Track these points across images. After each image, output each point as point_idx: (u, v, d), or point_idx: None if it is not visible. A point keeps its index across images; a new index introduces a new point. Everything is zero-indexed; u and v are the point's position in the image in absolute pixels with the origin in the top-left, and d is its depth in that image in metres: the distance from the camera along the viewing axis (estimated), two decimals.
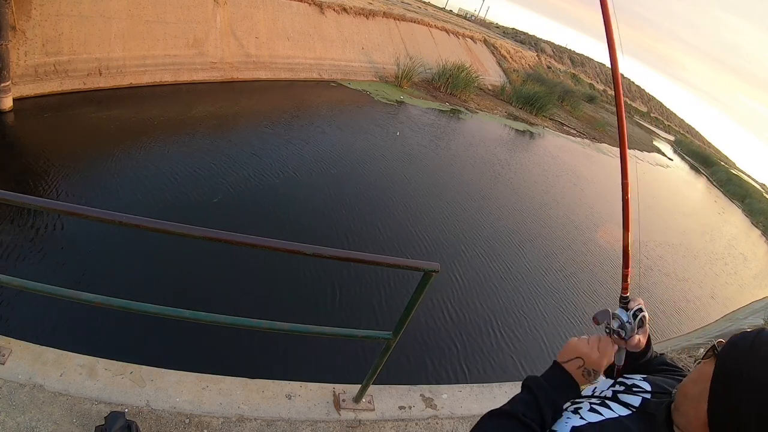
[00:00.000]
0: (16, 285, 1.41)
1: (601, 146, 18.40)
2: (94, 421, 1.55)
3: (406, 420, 1.99)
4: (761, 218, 19.71)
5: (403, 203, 6.47)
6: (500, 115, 15.45)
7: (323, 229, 5.12)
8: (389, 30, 14.58)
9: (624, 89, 3.65)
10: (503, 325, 4.63)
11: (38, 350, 1.72)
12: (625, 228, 0.92)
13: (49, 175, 4.44)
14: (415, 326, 4.04)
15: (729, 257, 11.49)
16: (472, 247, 6.01)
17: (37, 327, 2.86)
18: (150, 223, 1.20)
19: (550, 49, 36.91)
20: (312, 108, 9.25)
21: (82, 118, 5.74)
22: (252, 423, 1.74)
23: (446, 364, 3.82)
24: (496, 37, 25.95)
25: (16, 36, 5.33)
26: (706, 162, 31.65)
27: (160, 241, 3.81)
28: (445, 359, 3.86)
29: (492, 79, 19.61)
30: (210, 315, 1.47)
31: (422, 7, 23.38)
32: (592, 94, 31.94)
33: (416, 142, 9.34)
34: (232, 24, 8.86)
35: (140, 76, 7.05)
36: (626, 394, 0.74)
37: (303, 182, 5.99)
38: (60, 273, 3.36)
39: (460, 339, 4.17)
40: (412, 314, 1.55)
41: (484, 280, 5.37)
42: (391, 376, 3.33)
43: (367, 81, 12.59)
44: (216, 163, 5.65)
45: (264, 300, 3.82)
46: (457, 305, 4.63)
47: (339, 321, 3.81)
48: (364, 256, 1.42)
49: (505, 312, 4.87)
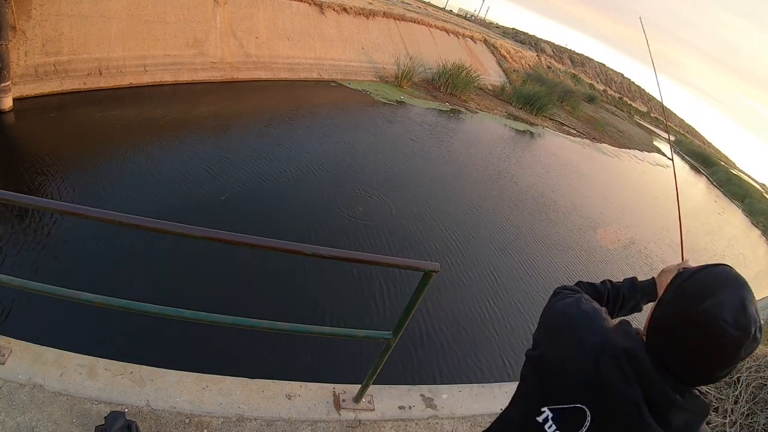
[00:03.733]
0: (16, 285, 1.41)
1: (602, 146, 18.40)
2: (94, 421, 1.55)
3: (406, 420, 1.99)
4: (761, 218, 19.70)
5: (403, 203, 6.47)
6: (500, 115, 15.45)
7: (323, 229, 5.12)
8: (389, 30, 14.58)
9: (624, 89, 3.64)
10: (503, 325, 4.62)
11: (38, 350, 1.72)
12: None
13: (49, 174, 4.44)
14: (415, 326, 4.04)
15: (729, 257, 11.49)
16: (472, 247, 6.01)
17: (37, 327, 2.86)
18: (150, 223, 1.20)
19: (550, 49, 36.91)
20: (312, 108, 9.25)
21: (83, 118, 5.74)
22: (252, 423, 1.74)
23: (446, 364, 3.82)
24: (496, 37, 25.95)
25: (16, 36, 5.33)
26: (706, 162, 31.65)
27: (160, 241, 3.81)
28: (445, 359, 3.86)
29: (492, 79, 19.61)
30: (210, 315, 1.47)
31: (422, 7, 23.38)
32: (592, 94, 31.95)
33: (416, 142, 9.34)
34: (232, 24, 8.86)
35: (140, 76, 7.05)
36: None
37: (303, 182, 5.99)
38: (60, 273, 3.36)
39: (460, 339, 4.17)
40: (412, 314, 1.55)
41: (484, 279, 5.36)
42: (391, 376, 3.33)
43: (367, 81, 12.59)
44: (217, 163, 5.65)
45: (264, 300, 3.82)
46: (457, 305, 4.63)
47: (339, 321, 3.81)
48: (364, 256, 1.42)
49: (505, 312, 4.86)
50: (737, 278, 0.71)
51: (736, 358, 0.67)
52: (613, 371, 0.74)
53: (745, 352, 0.66)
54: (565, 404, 0.78)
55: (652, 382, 0.71)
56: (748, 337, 0.65)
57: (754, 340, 0.66)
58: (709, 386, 2.58)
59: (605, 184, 13.13)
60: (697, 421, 0.72)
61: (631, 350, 0.74)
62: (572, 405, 0.77)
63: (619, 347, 0.76)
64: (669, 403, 0.70)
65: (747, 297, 0.68)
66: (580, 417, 0.76)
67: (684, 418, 0.71)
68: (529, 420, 0.83)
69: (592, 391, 0.76)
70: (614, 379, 0.74)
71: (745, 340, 0.65)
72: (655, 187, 16.75)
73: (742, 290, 0.69)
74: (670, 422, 0.70)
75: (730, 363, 0.67)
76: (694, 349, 0.68)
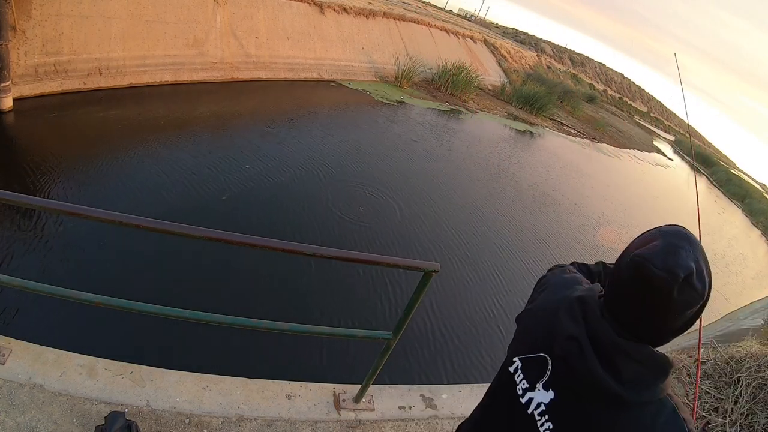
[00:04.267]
0: (16, 285, 1.41)
1: (602, 146, 18.40)
2: (94, 421, 1.55)
3: (406, 420, 1.99)
4: (761, 218, 19.69)
5: (403, 203, 6.47)
6: (500, 115, 15.45)
7: (324, 229, 5.12)
8: (389, 30, 14.58)
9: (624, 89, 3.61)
10: (504, 325, 4.62)
11: (38, 350, 1.72)
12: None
13: (49, 174, 4.44)
14: (415, 326, 4.04)
15: (729, 257, 11.48)
16: (472, 246, 6.01)
17: (37, 327, 2.86)
18: (150, 223, 1.20)
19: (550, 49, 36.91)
20: (312, 108, 9.25)
21: (83, 118, 5.74)
22: (252, 423, 1.74)
23: (446, 364, 3.82)
24: (496, 37, 25.95)
25: (16, 36, 5.33)
26: (707, 162, 31.64)
27: (160, 241, 3.81)
28: (445, 359, 3.86)
29: (492, 79, 19.61)
30: (210, 315, 1.47)
31: (422, 7, 23.37)
32: (592, 94, 31.96)
33: (417, 143, 9.34)
34: (232, 24, 8.86)
35: (140, 76, 7.05)
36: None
37: (303, 182, 5.99)
38: (60, 273, 3.36)
39: (461, 339, 4.17)
40: (412, 314, 1.55)
41: (484, 279, 5.36)
42: (391, 376, 3.33)
43: (367, 81, 12.59)
44: (217, 163, 5.65)
45: (264, 300, 3.82)
46: (457, 305, 4.63)
47: (339, 321, 3.81)
48: (364, 256, 1.42)
49: (505, 312, 4.86)
50: (680, 232, 0.72)
51: (672, 304, 0.66)
52: (565, 316, 0.79)
53: (680, 298, 0.66)
54: (531, 354, 0.82)
55: (596, 321, 0.74)
56: (677, 280, 0.65)
57: (688, 285, 0.65)
58: (709, 386, 2.58)
59: (605, 184, 13.13)
60: (653, 377, 0.70)
61: (584, 298, 0.79)
62: (536, 354, 0.81)
63: (574, 297, 0.81)
64: (614, 346, 0.70)
65: (683, 246, 0.68)
66: (542, 365, 0.80)
67: (635, 370, 0.69)
68: (503, 371, 0.88)
69: (549, 338, 0.80)
70: (564, 321, 0.78)
71: (674, 283, 0.65)
72: (655, 188, 16.76)
73: (681, 240, 0.69)
74: (620, 371, 0.69)
75: (667, 310, 0.67)
76: (632, 296, 0.70)
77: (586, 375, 0.71)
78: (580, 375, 0.72)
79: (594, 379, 0.70)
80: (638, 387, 0.69)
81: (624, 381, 0.69)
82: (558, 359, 0.77)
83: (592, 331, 0.73)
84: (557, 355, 0.77)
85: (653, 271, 0.66)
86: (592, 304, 0.77)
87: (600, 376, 0.70)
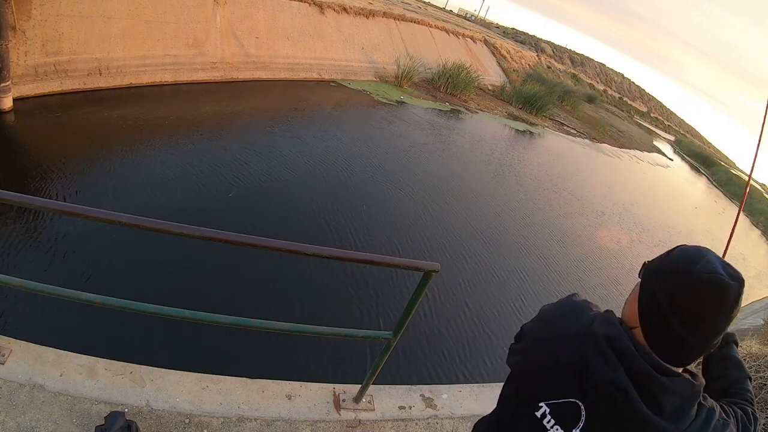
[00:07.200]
0: (16, 285, 1.41)
1: (602, 146, 18.41)
2: (94, 421, 1.55)
3: (406, 420, 1.99)
4: (761, 218, 19.68)
5: (404, 203, 6.47)
6: (500, 115, 15.45)
7: (323, 228, 5.11)
8: (389, 30, 14.57)
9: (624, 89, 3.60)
10: (504, 325, 4.62)
11: (38, 350, 1.72)
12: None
13: (50, 174, 4.44)
14: (415, 326, 4.04)
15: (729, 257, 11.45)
16: (472, 246, 6.01)
17: (37, 327, 2.86)
18: (150, 223, 1.20)
19: (550, 49, 36.90)
20: (312, 108, 9.25)
21: (83, 118, 5.74)
22: (252, 423, 1.74)
23: (446, 364, 3.82)
24: (496, 37, 25.95)
25: (16, 36, 5.33)
26: (707, 162, 31.62)
27: (160, 241, 3.81)
28: (445, 359, 3.86)
29: (492, 79, 19.61)
30: (210, 315, 1.47)
31: (422, 7, 23.38)
32: (592, 94, 31.97)
33: (416, 142, 9.34)
34: (232, 24, 8.86)
35: (140, 76, 7.05)
36: None
37: (303, 182, 5.99)
38: (60, 273, 3.36)
39: (461, 339, 4.17)
40: (412, 314, 1.55)
41: (484, 279, 5.36)
42: (391, 376, 3.33)
43: (367, 81, 12.58)
44: (218, 163, 5.65)
45: (264, 300, 3.82)
46: (457, 305, 4.63)
47: (339, 321, 3.81)
48: (364, 256, 1.42)
49: (505, 312, 4.86)
50: (700, 247, 0.76)
51: (737, 309, 0.69)
52: (596, 358, 0.75)
53: (739, 303, 0.69)
54: (559, 399, 0.79)
55: (634, 363, 0.72)
56: (743, 285, 0.69)
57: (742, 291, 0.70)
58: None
59: (605, 184, 13.13)
60: (687, 404, 0.72)
61: (611, 335, 0.75)
62: (565, 400, 0.78)
63: (599, 334, 0.76)
64: (657, 386, 0.71)
65: (716, 256, 0.73)
66: (575, 411, 0.77)
67: (674, 403, 0.71)
68: (526, 415, 0.82)
69: (579, 383, 0.76)
70: (597, 366, 0.74)
71: (742, 288, 0.69)
72: (655, 188, 16.76)
73: (709, 252, 0.74)
74: (663, 408, 0.70)
75: (732, 316, 0.70)
76: (699, 311, 0.70)
77: (635, 417, 0.71)
78: (628, 418, 0.72)
79: (644, 420, 0.71)
80: (680, 419, 0.72)
81: (665, 415, 0.71)
82: (594, 405, 0.75)
83: (632, 372, 0.72)
84: (593, 401, 0.75)
85: (728, 282, 0.68)
86: (624, 340, 0.74)
87: (648, 416, 0.70)
